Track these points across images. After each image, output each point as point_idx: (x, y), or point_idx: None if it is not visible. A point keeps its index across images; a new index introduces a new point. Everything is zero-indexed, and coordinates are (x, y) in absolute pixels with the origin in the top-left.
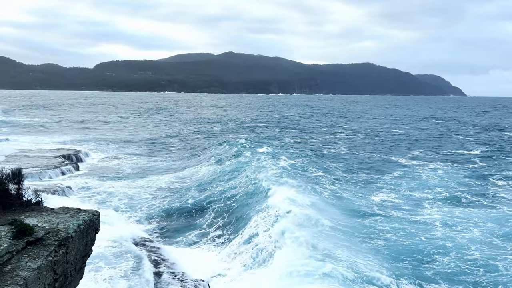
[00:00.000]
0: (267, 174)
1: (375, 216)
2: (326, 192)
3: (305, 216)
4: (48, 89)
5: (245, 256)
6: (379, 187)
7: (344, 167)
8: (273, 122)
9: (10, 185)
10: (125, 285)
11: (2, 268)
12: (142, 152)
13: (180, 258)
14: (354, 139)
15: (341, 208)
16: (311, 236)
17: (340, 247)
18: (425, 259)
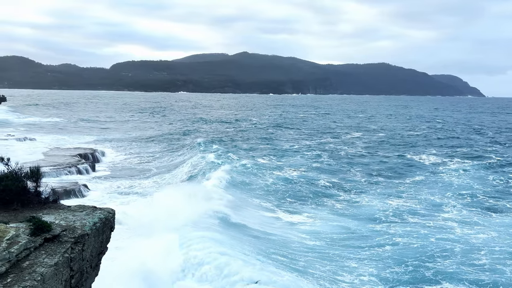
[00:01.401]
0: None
1: (388, 222)
2: (338, 204)
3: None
4: (66, 88)
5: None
6: (399, 191)
7: (363, 171)
8: (285, 123)
9: (28, 183)
10: None
11: (20, 264)
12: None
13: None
14: (371, 140)
15: (354, 217)
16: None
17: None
18: (428, 263)
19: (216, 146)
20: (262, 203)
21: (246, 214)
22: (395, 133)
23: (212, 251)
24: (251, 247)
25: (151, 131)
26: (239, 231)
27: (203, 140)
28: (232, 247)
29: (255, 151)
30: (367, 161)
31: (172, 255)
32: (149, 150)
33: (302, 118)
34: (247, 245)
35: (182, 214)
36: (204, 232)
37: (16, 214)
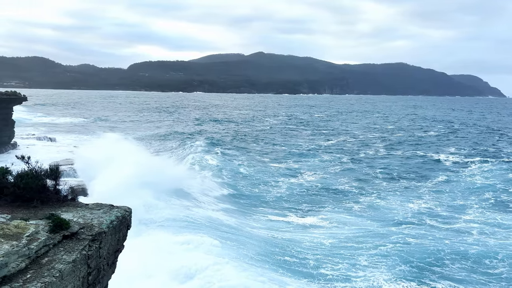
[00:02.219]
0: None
1: (405, 224)
2: (357, 206)
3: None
4: (85, 88)
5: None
6: (420, 193)
7: (383, 172)
8: (304, 121)
9: (48, 181)
10: None
11: (40, 261)
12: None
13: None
14: (388, 140)
15: (372, 219)
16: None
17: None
18: (436, 266)
19: (226, 147)
20: (274, 207)
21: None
22: (413, 134)
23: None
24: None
25: (166, 128)
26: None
27: (209, 139)
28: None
29: (269, 154)
30: (387, 162)
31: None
32: (165, 148)
33: (318, 118)
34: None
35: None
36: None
37: (35, 211)
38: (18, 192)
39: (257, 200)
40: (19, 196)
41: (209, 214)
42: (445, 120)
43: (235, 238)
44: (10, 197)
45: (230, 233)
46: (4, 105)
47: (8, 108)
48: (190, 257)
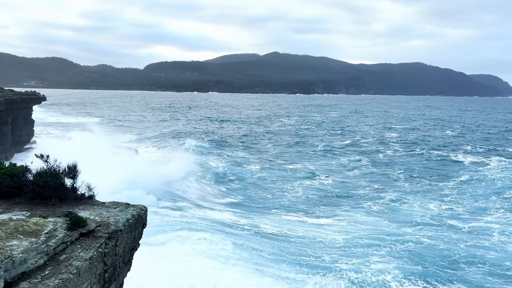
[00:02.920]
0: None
1: (422, 225)
2: (375, 207)
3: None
4: (102, 88)
5: None
6: (441, 194)
7: (404, 173)
8: (316, 123)
9: (66, 179)
10: None
11: (58, 257)
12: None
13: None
14: (406, 140)
15: (390, 219)
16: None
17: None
18: (448, 269)
19: (237, 149)
20: (290, 210)
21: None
22: (429, 134)
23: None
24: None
25: (180, 127)
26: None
27: (220, 140)
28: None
29: (283, 155)
30: (406, 162)
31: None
32: (181, 147)
33: (333, 118)
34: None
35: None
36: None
37: (54, 209)
38: (37, 190)
39: (271, 204)
40: (38, 194)
41: (219, 217)
42: (462, 121)
43: (248, 238)
44: (30, 194)
45: (242, 233)
46: (24, 105)
47: (28, 108)
48: (204, 261)
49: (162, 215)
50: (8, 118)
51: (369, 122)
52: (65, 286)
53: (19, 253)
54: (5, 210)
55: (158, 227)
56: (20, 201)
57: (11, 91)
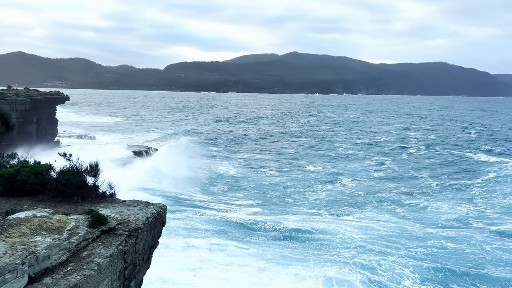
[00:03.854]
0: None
1: (448, 226)
2: (400, 209)
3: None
4: (123, 88)
5: None
6: (470, 194)
7: (430, 174)
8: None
9: (87, 177)
10: None
11: (79, 254)
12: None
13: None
14: (428, 140)
15: (415, 220)
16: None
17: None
18: (472, 273)
19: (254, 151)
20: (312, 211)
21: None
22: (452, 134)
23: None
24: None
25: (197, 127)
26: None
27: (235, 142)
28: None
29: (304, 157)
30: (430, 162)
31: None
32: (196, 149)
33: (353, 118)
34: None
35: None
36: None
37: (76, 206)
38: (60, 188)
39: (292, 206)
40: (61, 192)
41: (237, 218)
42: (485, 121)
43: (268, 236)
44: (53, 192)
45: (263, 233)
46: (48, 105)
47: (52, 108)
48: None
49: (178, 219)
50: (33, 117)
51: (390, 122)
52: (86, 282)
53: (43, 249)
54: (30, 207)
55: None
56: (44, 198)
57: (36, 91)
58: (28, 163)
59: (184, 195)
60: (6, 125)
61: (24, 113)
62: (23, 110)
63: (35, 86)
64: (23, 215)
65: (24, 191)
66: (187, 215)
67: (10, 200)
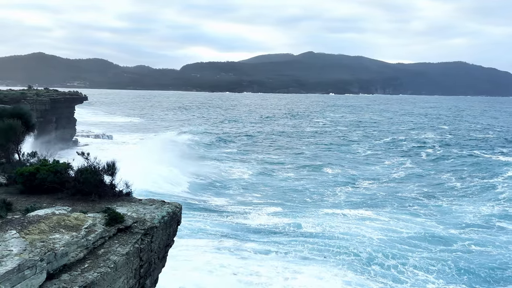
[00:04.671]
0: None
1: (472, 227)
2: (422, 210)
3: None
4: (140, 89)
5: None
6: (496, 193)
7: (453, 174)
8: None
9: (105, 176)
10: None
11: (96, 252)
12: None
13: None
14: (446, 140)
15: (439, 221)
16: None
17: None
18: (499, 274)
19: (269, 153)
20: (332, 211)
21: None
22: (470, 134)
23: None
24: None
25: (210, 128)
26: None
27: (250, 144)
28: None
29: (321, 158)
30: (452, 163)
31: None
32: (211, 150)
33: (370, 119)
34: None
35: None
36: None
37: (93, 205)
38: (78, 186)
39: (311, 207)
40: (79, 190)
41: (256, 222)
42: (505, 122)
43: (288, 238)
44: (71, 190)
45: (283, 236)
46: (67, 104)
47: (71, 107)
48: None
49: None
50: (53, 117)
51: (407, 123)
52: (103, 279)
53: (61, 246)
54: (49, 204)
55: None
56: (62, 196)
57: (55, 91)
58: (47, 162)
59: (195, 199)
60: (26, 124)
61: (44, 112)
62: (43, 109)
63: (55, 86)
64: (42, 213)
65: (44, 189)
66: (200, 219)
67: (30, 197)
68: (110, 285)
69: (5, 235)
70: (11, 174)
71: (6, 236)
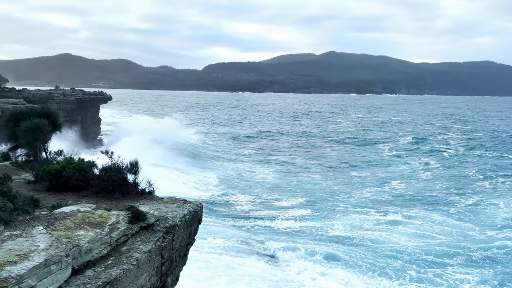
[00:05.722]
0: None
1: (510, 227)
2: (453, 209)
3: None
4: (162, 89)
5: None
6: None
7: (482, 173)
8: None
9: (128, 174)
10: None
11: (119, 249)
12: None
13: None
14: (473, 140)
15: (473, 222)
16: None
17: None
18: None
19: (291, 154)
20: (362, 214)
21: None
22: (496, 134)
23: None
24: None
25: (234, 128)
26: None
27: (271, 145)
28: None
29: (346, 159)
30: (480, 162)
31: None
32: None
33: (394, 119)
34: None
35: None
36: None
37: (117, 203)
38: (102, 184)
39: (339, 210)
40: (103, 188)
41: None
42: None
43: (318, 243)
44: (96, 188)
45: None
46: (93, 104)
47: (95, 107)
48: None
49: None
50: (78, 116)
51: (433, 123)
52: (125, 276)
53: (85, 243)
54: (74, 202)
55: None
56: (87, 194)
57: (81, 91)
58: (73, 160)
59: (217, 201)
60: (53, 123)
61: (70, 112)
62: (69, 109)
63: (80, 86)
64: (68, 210)
65: (69, 186)
66: (223, 222)
67: (56, 195)
68: (132, 282)
69: (33, 231)
70: (39, 171)
71: (33, 232)
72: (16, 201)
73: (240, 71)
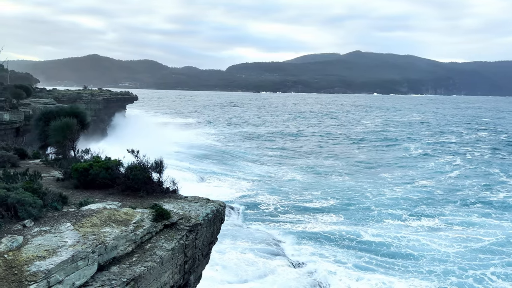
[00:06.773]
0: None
1: None
2: (488, 210)
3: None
4: (187, 89)
5: None
6: None
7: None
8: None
9: (153, 173)
10: None
11: (144, 246)
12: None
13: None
14: (501, 139)
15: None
16: None
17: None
18: None
19: (320, 155)
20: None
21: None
22: None
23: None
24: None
25: (257, 129)
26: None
27: (295, 145)
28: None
29: (375, 159)
30: (509, 162)
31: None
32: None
33: (419, 120)
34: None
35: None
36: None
37: (142, 201)
38: (128, 183)
39: (372, 213)
40: (129, 186)
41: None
42: None
43: (350, 249)
44: (121, 186)
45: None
46: (119, 104)
47: (122, 107)
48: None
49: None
50: (105, 116)
51: (460, 123)
52: (149, 273)
53: (111, 240)
54: (101, 199)
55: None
56: (113, 191)
57: (108, 91)
58: (100, 158)
59: (248, 203)
60: (82, 123)
61: (97, 111)
62: (97, 109)
63: (108, 86)
64: (94, 207)
65: (96, 184)
66: (254, 222)
67: (83, 192)
68: (156, 279)
69: (61, 227)
70: (67, 169)
71: (61, 228)
72: (46, 198)
73: (263, 71)
